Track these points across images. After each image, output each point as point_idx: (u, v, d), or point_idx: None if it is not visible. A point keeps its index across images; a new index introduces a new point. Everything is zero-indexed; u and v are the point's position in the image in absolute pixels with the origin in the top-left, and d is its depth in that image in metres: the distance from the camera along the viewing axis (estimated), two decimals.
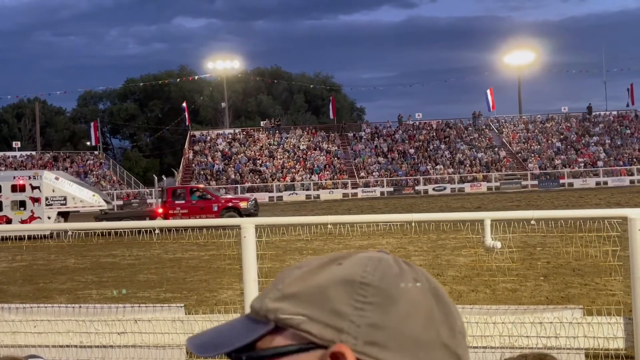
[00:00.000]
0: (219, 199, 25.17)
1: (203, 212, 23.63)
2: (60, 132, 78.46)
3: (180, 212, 23.90)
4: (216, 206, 24.11)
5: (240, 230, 4.37)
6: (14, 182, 23.84)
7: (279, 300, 0.60)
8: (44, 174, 24.94)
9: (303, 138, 59.25)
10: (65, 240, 4.61)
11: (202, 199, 24.65)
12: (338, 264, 0.62)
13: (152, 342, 4.37)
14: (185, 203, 24.37)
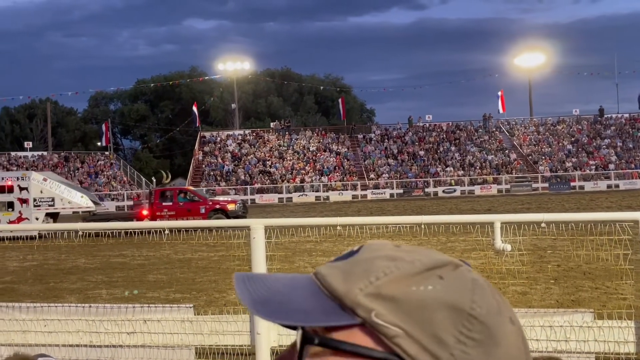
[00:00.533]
0: (207, 200, 25.05)
1: (190, 214, 23.49)
2: (71, 133, 79.00)
3: (167, 214, 23.75)
4: (203, 208, 24.03)
5: (249, 231, 4.38)
6: (2, 183, 23.85)
7: (373, 299, 0.54)
8: (32, 175, 24.98)
9: (313, 139, 59.29)
10: (76, 241, 4.64)
11: (190, 200, 24.63)
12: (439, 277, 0.55)
13: (161, 342, 4.39)
14: (172, 205, 24.29)
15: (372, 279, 0.55)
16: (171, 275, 11.72)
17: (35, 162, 56.48)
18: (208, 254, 13.65)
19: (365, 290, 0.54)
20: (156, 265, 12.97)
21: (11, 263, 13.86)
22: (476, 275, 0.58)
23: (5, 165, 54.43)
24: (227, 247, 10.32)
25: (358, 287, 0.54)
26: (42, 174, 26.04)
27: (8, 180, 24.16)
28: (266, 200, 48.32)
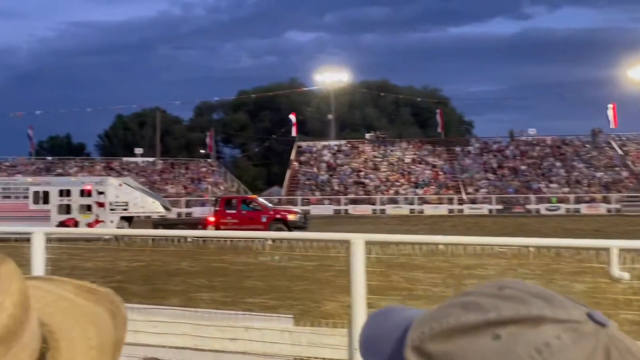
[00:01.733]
0: (268, 210, 25.62)
1: (252, 223, 24.13)
2: (177, 140, 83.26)
3: (231, 222, 24.56)
4: (265, 217, 24.69)
5: (349, 246, 4.39)
6: (82, 187, 25.63)
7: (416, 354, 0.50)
8: (109, 180, 26.67)
9: (408, 151, 58.71)
10: (185, 247, 4.86)
11: (252, 209, 25.31)
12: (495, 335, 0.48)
13: (261, 351, 4.49)
14: (236, 213, 25.11)
15: (426, 329, 0.51)
16: (267, 282, 11.99)
17: (144, 167, 59.99)
18: (302, 263, 13.84)
19: (414, 343, 0.51)
20: (254, 272, 13.31)
21: (122, 263, 14.75)
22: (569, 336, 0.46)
23: (117, 169, 58.23)
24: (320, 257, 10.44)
25: (411, 337, 0.51)
26: (119, 180, 27.70)
27: (88, 184, 26.04)
28: (359, 211, 48.32)
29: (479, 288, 0.53)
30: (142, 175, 58.00)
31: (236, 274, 13.21)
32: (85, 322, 0.75)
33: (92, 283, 0.82)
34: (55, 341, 0.72)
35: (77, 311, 0.76)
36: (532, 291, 0.51)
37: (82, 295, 0.79)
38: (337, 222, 36.27)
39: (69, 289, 0.80)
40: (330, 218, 42.43)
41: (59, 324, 0.74)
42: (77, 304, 0.77)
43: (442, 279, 11.84)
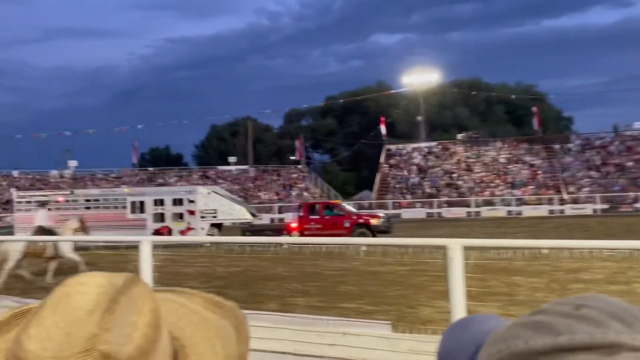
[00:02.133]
0: (351, 215, 25.47)
1: (335, 228, 24.13)
2: (268, 148, 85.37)
3: (314, 227, 24.69)
4: (348, 222, 24.59)
5: (446, 251, 4.28)
6: (174, 197, 26.80)
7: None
8: (198, 189, 27.62)
9: (503, 151, 56.72)
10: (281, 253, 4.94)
11: (335, 215, 25.27)
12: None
13: (360, 357, 4.47)
14: (319, 218, 25.24)
15: (494, 350, 0.48)
16: (361, 287, 11.95)
17: (238, 175, 61.93)
18: (395, 268, 13.70)
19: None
20: (347, 277, 13.33)
21: (219, 269, 15.27)
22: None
23: (213, 178, 60.49)
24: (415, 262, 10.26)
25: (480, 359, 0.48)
26: (207, 189, 28.67)
27: (179, 194, 27.27)
28: (453, 214, 47.22)
29: (555, 305, 0.49)
30: (236, 183, 59.90)
31: (330, 278, 13.28)
32: (212, 336, 0.77)
33: (218, 297, 0.85)
34: (185, 356, 0.74)
35: (205, 325, 0.78)
36: (613, 311, 0.46)
37: (210, 308, 0.82)
38: (430, 225, 35.64)
39: (198, 302, 0.83)
40: (422, 222, 41.78)
41: (189, 338, 0.76)
42: (205, 317, 0.80)
43: (544, 284, 11.31)
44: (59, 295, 0.67)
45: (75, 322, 0.64)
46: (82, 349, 0.62)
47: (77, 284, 0.69)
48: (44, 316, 0.65)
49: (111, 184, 54.29)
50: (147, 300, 0.69)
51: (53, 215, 27.38)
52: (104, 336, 0.63)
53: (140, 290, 0.69)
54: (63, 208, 27.81)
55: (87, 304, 0.66)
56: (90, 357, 0.62)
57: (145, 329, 0.66)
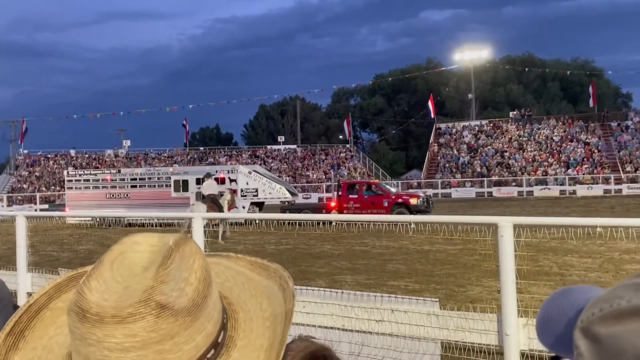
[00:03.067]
0: (390, 194, 25.35)
1: (374, 207, 24.16)
2: (316, 127, 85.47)
3: (353, 206, 24.72)
4: (386, 201, 24.52)
5: (497, 229, 4.23)
6: (216, 176, 26.90)
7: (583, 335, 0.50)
8: (240, 168, 27.89)
9: (557, 129, 55.06)
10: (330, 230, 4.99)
11: (374, 194, 25.18)
12: None
13: (407, 333, 4.50)
14: (358, 197, 25.21)
15: (595, 310, 0.50)
16: (409, 265, 11.96)
17: (286, 155, 62.36)
18: (445, 247, 13.61)
19: (582, 324, 0.50)
20: (395, 255, 13.35)
21: (269, 246, 15.53)
22: None
23: (262, 157, 61.14)
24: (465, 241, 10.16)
25: (582, 318, 0.51)
26: (248, 167, 28.91)
27: (221, 173, 27.52)
28: (504, 193, 46.31)
29: None
30: (285, 162, 60.37)
31: (378, 257, 13.33)
32: (259, 295, 0.83)
33: (263, 259, 0.90)
34: (234, 312, 0.80)
35: (251, 285, 0.84)
36: None
37: (256, 270, 0.88)
38: (480, 205, 35.10)
39: (244, 265, 0.89)
40: (472, 201, 41.19)
41: (237, 297, 0.83)
42: (251, 278, 0.86)
43: (598, 264, 11.03)
44: (116, 253, 0.73)
45: (132, 277, 0.70)
46: (139, 299, 0.68)
47: (132, 243, 0.74)
48: (103, 271, 0.71)
49: (163, 163, 55.62)
50: (198, 258, 0.74)
51: (102, 193, 28.45)
52: (160, 288, 0.68)
53: (190, 248, 0.75)
54: (110, 186, 28.76)
55: (142, 261, 0.72)
56: (148, 307, 0.67)
57: (197, 283, 0.71)
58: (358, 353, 4.64)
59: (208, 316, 0.72)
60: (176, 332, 0.68)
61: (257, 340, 0.76)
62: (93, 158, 60.45)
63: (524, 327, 4.13)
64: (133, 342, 0.67)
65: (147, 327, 0.67)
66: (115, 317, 0.66)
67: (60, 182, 47.47)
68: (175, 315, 0.68)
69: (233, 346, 0.76)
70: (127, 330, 0.66)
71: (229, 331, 0.77)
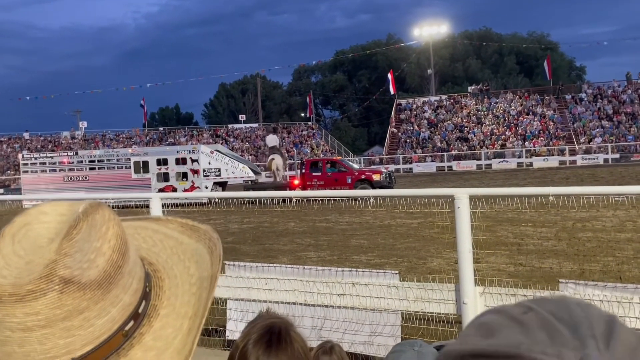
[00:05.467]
0: (353, 171, 25.58)
1: (337, 184, 24.37)
2: (278, 105, 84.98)
3: (316, 184, 24.97)
4: (350, 178, 24.79)
5: (454, 201, 4.31)
6: (177, 156, 26.83)
7: None
8: (201, 147, 27.67)
9: (514, 102, 56.10)
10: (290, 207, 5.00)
11: (337, 171, 25.43)
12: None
13: (369, 305, 4.57)
14: (321, 175, 25.45)
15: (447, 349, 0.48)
16: (372, 240, 12.10)
17: (247, 133, 61.88)
18: (406, 221, 13.81)
19: None
20: (358, 231, 13.48)
21: (232, 225, 15.47)
22: None
23: (223, 136, 60.51)
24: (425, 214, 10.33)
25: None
26: (210, 147, 28.65)
27: (182, 153, 27.22)
28: (464, 167, 47.14)
29: (515, 307, 0.48)
30: (247, 141, 59.94)
31: (341, 233, 13.45)
32: (187, 259, 0.80)
33: (194, 221, 0.87)
34: (160, 279, 0.77)
35: (180, 249, 0.81)
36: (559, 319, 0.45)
37: (186, 233, 0.84)
38: (440, 179, 35.66)
39: (174, 227, 0.85)
40: (433, 176, 41.79)
41: (163, 263, 0.79)
42: (180, 242, 0.83)
43: (553, 233, 11.39)
44: (19, 225, 0.67)
45: (36, 250, 0.64)
46: (40, 274, 0.62)
47: (39, 213, 0.68)
48: (3, 246, 0.65)
49: (122, 145, 54.53)
50: (112, 225, 0.69)
51: (59, 176, 27.75)
52: (64, 261, 0.63)
53: (102, 215, 0.69)
54: (68, 169, 28.07)
55: (48, 232, 0.66)
56: (50, 282, 0.62)
57: (110, 253, 0.67)
58: (320, 327, 4.69)
59: (124, 287, 0.68)
60: (85, 307, 0.64)
61: (182, 308, 0.73)
62: (48, 140, 58.79)
63: (480, 295, 4.25)
64: (36, 321, 0.62)
65: (49, 304, 0.62)
66: (14, 296, 0.62)
67: (15, 166, 46.08)
68: (82, 289, 0.64)
69: (155, 315, 0.72)
70: (28, 308, 0.62)
71: (152, 300, 0.73)
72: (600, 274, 7.85)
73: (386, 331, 4.63)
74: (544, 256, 9.29)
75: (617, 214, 12.66)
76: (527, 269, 8.31)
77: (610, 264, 8.47)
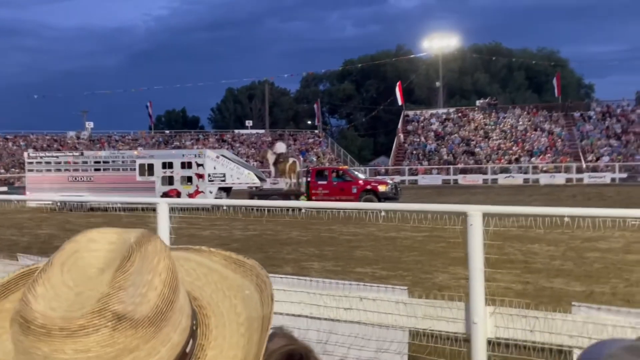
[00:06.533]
0: (358, 181, 25.46)
1: (343, 194, 24.29)
2: (285, 112, 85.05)
3: (321, 192, 24.85)
4: (355, 188, 24.66)
5: (466, 217, 4.23)
6: (183, 160, 26.76)
7: None
8: (207, 152, 27.57)
9: (522, 118, 55.97)
10: (299, 217, 4.92)
11: (343, 180, 25.29)
12: None
13: (376, 321, 4.48)
14: (327, 184, 25.27)
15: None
16: (377, 252, 12.00)
17: (254, 139, 61.90)
18: (411, 234, 13.71)
19: None
20: (362, 242, 13.39)
21: (236, 232, 15.40)
22: None
23: (229, 141, 60.56)
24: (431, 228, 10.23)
25: None
26: (216, 152, 28.58)
27: (188, 157, 27.20)
28: (470, 181, 46.99)
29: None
30: (253, 147, 59.95)
31: (345, 243, 13.35)
32: (233, 295, 0.73)
33: (238, 254, 0.80)
34: (205, 317, 0.70)
35: (225, 284, 0.74)
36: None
37: (230, 267, 0.77)
38: (446, 192, 35.53)
39: (217, 260, 0.78)
40: (438, 188, 41.65)
41: (208, 298, 0.72)
42: (225, 276, 0.76)
43: (561, 252, 11.27)
44: (68, 253, 0.62)
45: (86, 281, 0.60)
46: (93, 309, 0.58)
47: (88, 240, 0.63)
48: (52, 274, 0.61)
49: (127, 146, 54.61)
50: (162, 258, 0.64)
51: (64, 176, 27.74)
52: (117, 295, 0.59)
53: (154, 246, 0.64)
54: (73, 169, 28.05)
55: (98, 262, 0.61)
56: (103, 318, 0.58)
57: (162, 287, 0.62)
58: (326, 341, 4.60)
59: (174, 324, 0.62)
60: (135, 346, 0.59)
61: (230, 350, 0.67)
62: (54, 140, 58.97)
63: (491, 315, 4.15)
64: (85, 359, 0.57)
65: (101, 342, 0.57)
66: (64, 330, 0.57)
67: (20, 164, 46.17)
68: (134, 326, 0.59)
69: (203, 357, 0.66)
70: (78, 344, 0.57)
71: (198, 339, 0.67)
72: (609, 295, 7.74)
73: (393, 348, 4.53)
74: (551, 275, 9.18)
75: (624, 235, 12.53)
76: (535, 288, 8.20)
77: (619, 286, 8.35)
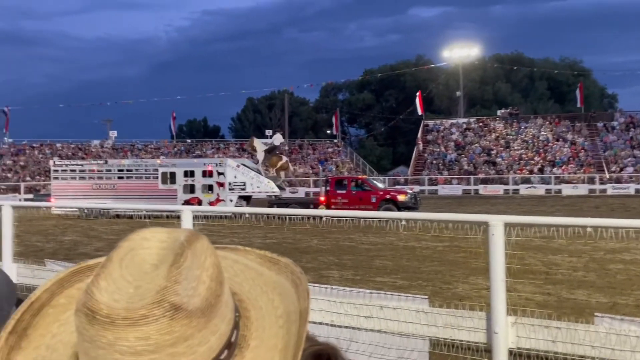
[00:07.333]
0: (377, 190, 25.44)
1: (362, 203, 24.31)
2: (304, 121, 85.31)
3: (341, 201, 24.87)
4: (374, 197, 24.64)
5: (487, 227, 4.24)
6: (204, 169, 27.06)
7: None
8: (228, 161, 27.85)
9: (544, 128, 55.46)
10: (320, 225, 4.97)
11: (362, 189, 25.28)
12: None
13: (396, 330, 4.50)
14: (346, 193, 25.34)
15: None
16: (396, 262, 11.98)
17: None
18: (431, 244, 13.66)
19: None
20: (382, 251, 13.37)
21: (256, 240, 15.48)
22: None
23: (249, 151, 60.87)
24: (451, 238, 10.18)
25: None
26: (237, 161, 28.84)
27: (209, 166, 27.55)
28: (490, 191, 46.63)
29: None
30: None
31: (365, 252, 13.35)
32: (270, 291, 0.78)
33: (272, 253, 0.85)
34: (246, 310, 0.76)
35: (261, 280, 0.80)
36: None
37: (265, 264, 0.83)
38: (466, 202, 35.30)
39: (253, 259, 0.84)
40: (459, 199, 41.40)
41: (247, 293, 0.78)
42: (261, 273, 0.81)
43: (583, 263, 11.14)
44: (125, 250, 0.70)
45: (143, 276, 0.66)
46: (152, 300, 0.64)
47: (141, 239, 0.71)
48: (112, 270, 0.67)
49: (150, 155, 55.21)
50: (209, 255, 0.71)
51: (88, 184, 28.21)
52: (174, 288, 0.65)
53: (202, 244, 0.71)
54: (97, 177, 28.51)
55: (152, 258, 0.68)
56: (161, 308, 0.64)
57: (210, 282, 0.68)
58: (346, 349, 4.63)
59: (221, 316, 0.69)
60: (190, 334, 0.65)
61: (271, 340, 0.73)
62: (79, 148, 59.86)
63: (512, 325, 4.15)
64: (145, 346, 0.63)
65: (160, 330, 0.64)
66: (127, 319, 0.63)
67: (46, 172, 46.98)
68: (189, 316, 0.65)
69: (246, 346, 0.72)
70: (139, 333, 0.63)
71: (241, 330, 0.74)
72: (633, 307, 7.63)
73: (413, 357, 4.54)
74: (573, 286, 9.08)
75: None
76: (556, 299, 8.12)
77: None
